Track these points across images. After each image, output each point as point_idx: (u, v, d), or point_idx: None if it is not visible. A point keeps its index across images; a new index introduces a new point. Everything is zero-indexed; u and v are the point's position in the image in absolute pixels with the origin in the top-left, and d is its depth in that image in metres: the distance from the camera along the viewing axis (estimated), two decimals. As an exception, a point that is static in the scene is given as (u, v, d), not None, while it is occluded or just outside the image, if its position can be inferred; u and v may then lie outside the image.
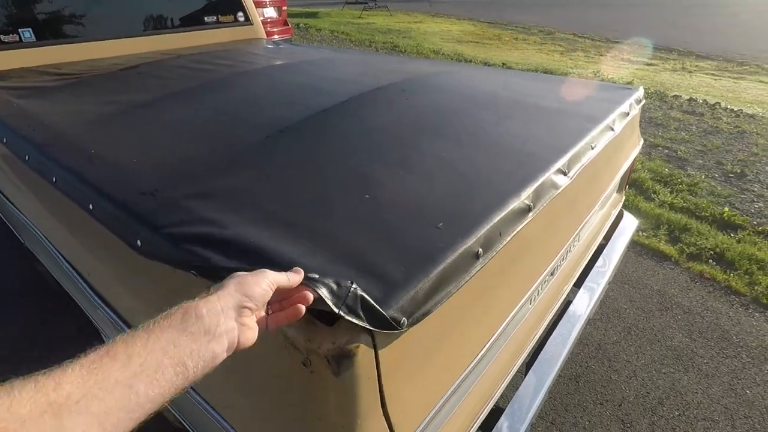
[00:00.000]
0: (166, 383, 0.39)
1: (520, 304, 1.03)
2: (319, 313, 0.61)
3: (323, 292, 0.56)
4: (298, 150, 1.06)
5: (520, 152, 1.11)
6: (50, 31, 1.89)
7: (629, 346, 1.94)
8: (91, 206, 0.92)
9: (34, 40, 1.84)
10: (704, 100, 5.56)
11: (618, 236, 1.76)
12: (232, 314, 0.47)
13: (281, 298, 0.54)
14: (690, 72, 7.39)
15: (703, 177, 3.52)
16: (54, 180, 1.05)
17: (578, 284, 1.53)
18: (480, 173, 1.00)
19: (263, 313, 0.52)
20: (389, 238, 0.76)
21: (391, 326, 0.61)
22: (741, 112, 5.13)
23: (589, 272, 1.56)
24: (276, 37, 5.66)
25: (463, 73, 1.81)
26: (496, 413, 1.08)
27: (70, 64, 1.88)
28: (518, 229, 0.89)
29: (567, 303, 1.44)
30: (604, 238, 1.72)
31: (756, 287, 2.29)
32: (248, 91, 1.44)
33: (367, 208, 0.85)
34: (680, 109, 5.17)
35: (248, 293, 0.49)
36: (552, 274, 1.26)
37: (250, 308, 0.49)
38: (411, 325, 0.63)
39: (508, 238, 0.87)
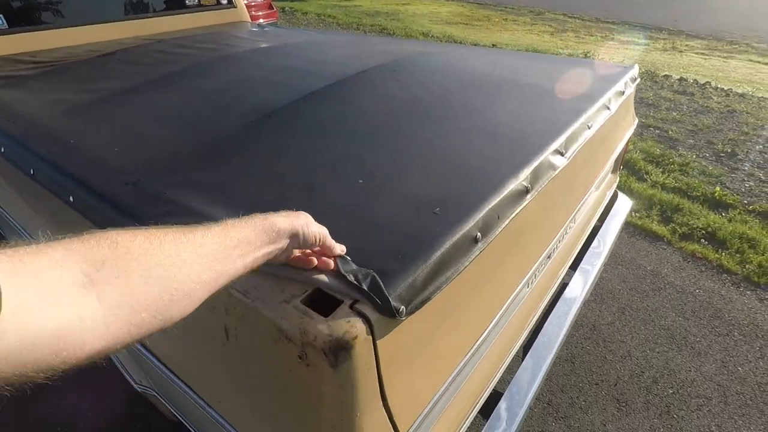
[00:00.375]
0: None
1: (519, 287, 1.01)
2: (313, 302, 0.58)
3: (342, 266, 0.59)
4: (285, 135, 1.02)
5: (516, 133, 1.08)
6: (24, 17, 1.80)
7: (623, 327, 1.95)
8: (71, 198, 0.88)
9: (7, 27, 1.75)
10: (695, 79, 5.56)
11: (613, 217, 1.75)
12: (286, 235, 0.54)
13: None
14: (680, 51, 7.37)
15: (694, 157, 3.53)
16: (32, 172, 1.00)
17: (574, 266, 1.52)
18: (476, 155, 0.97)
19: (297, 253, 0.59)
20: (384, 225, 0.73)
21: (391, 314, 0.58)
22: (731, 92, 5.13)
23: (584, 254, 1.56)
24: (261, 21, 5.52)
25: (454, 54, 1.77)
26: (495, 397, 1.07)
27: (45, 51, 1.80)
28: (517, 212, 0.87)
29: (563, 285, 1.43)
30: (598, 219, 1.71)
31: (747, 266, 2.31)
32: (232, 75, 1.39)
33: (359, 195, 0.82)
34: (671, 89, 5.17)
35: (306, 233, 0.56)
36: (549, 257, 1.25)
37: (297, 241, 0.56)
38: (410, 313, 0.61)
39: (507, 221, 0.84)
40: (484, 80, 1.42)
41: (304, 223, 0.56)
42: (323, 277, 0.61)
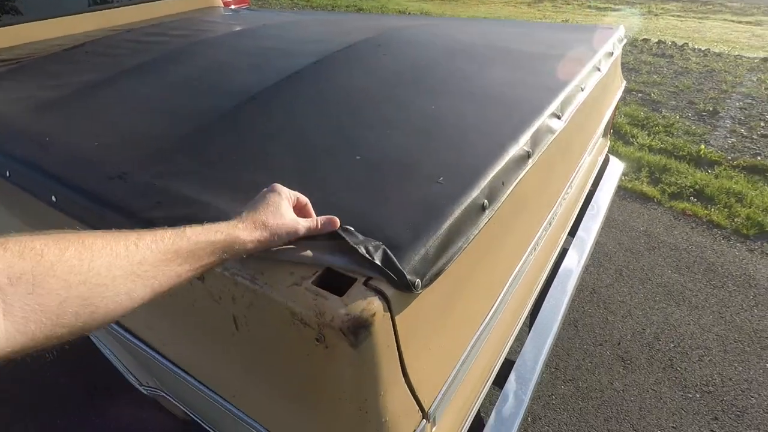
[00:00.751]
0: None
1: (525, 256, 1.00)
2: (325, 283, 0.56)
3: (349, 238, 0.57)
4: (273, 116, 0.98)
5: (511, 99, 1.05)
6: (-20, 15, 1.69)
7: (622, 287, 1.98)
8: (53, 198, 0.83)
9: (-38, 25, 1.64)
10: (673, 41, 5.58)
11: (606, 181, 1.75)
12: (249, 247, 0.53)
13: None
14: (656, 15, 7.38)
15: (677, 117, 3.55)
16: (7, 174, 0.94)
17: (572, 232, 1.52)
18: (473, 123, 0.94)
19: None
20: (389, 198, 0.71)
21: (407, 289, 0.56)
22: (708, 52, 5.17)
23: (581, 219, 1.55)
24: (233, 6, 5.33)
25: (436, 26, 1.72)
26: (506, 367, 1.07)
27: (7, 49, 1.69)
28: (520, 177, 0.85)
29: (563, 251, 1.43)
30: (592, 184, 1.71)
31: (736, 219, 2.35)
32: (210, 60, 1.32)
33: (359, 170, 0.79)
34: (650, 53, 5.18)
35: (279, 232, 0.56)
36: (549, 223, 1.24)
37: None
38: (425, 286, 0.59)
39: (512, 187, 0.82)
40: (471, 49, 1.38)
41: (276, 218, 0.55)
42: (333, 256, 0.58)
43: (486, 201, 0.75)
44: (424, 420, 0.64)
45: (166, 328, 0.75)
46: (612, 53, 1.49)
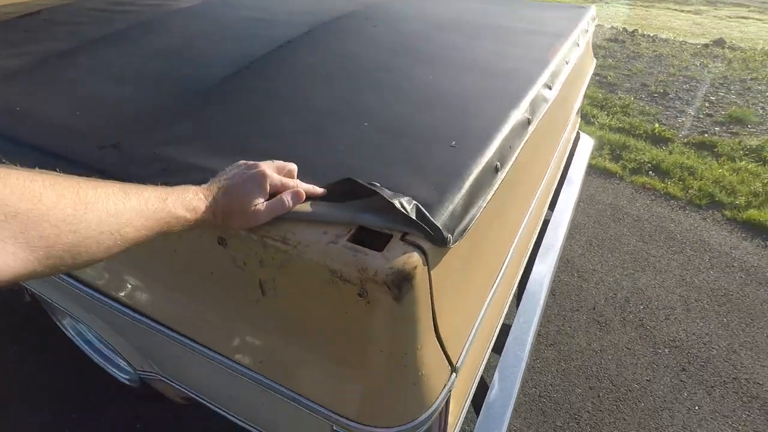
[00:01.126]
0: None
1: (525, 220, 1.04)
2: (360, 241, 0.55)
3: (386, 194, 0.56)
4: (272, 84, 0.95)
5: (505, 69, 1.07)
6: None
7: (593, 257, 2.09)
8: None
9: None
10: (624, 28, 5.85)
11: (579, 156, 1.84)
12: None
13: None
14: (607, 3, 7.70)
15: (632, 99, 3.75)
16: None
17: (552, 206, 1.58)
18: (473, 92, 0.95)
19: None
20: (407, 161, 0.71)
21: (442, 243, 0.57)
22: (656, 37, 5.47)
23: (559, 193, 1.62)
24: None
25: (419, 2, 1.71)
26: (504, 331, 1.11)
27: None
28: (524, 142, 0.88)
29: (546, 223, 1.49)
30: (567, 159, 1.78)
31: (690, 191, 2.54)
32: (192, 29, 1.25)
33: (370, 136, 0.78)
34: (604, 38, 5.41)
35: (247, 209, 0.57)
36: (540, 193, 1.29)
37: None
38: (455, 242, 0.60)
39: (518, 152, 0.85)
40: (458, 24, 1.39)
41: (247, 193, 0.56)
42: (364, 215, 0.58)
43: (498, 163, 0.76)
44: (454, 374, 0.66)
45: (181, 301, 0.72)
46: (587, 30, 1.55)
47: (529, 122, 0.92)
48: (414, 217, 0.55)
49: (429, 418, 0.61)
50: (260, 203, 0.56)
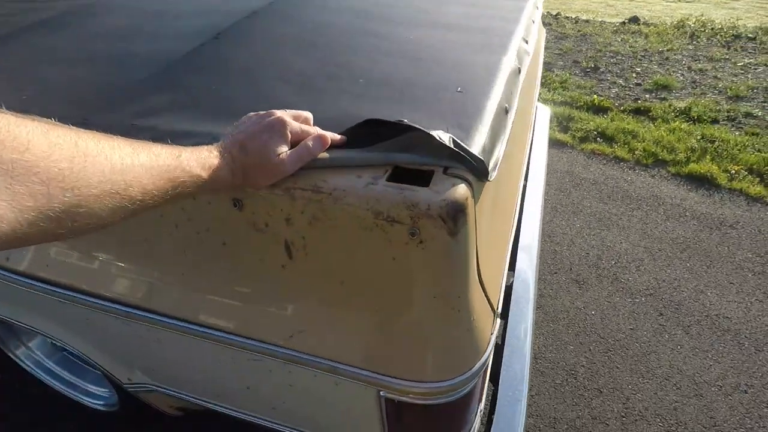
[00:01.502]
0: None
1: (524, 169, 1.04)
2: (399, 179, 0.51)
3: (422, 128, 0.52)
4: (249, 52, 0.87)
5: (480, 27, 1.06)
6: None
7: (561, 221, 2.17)
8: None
9: None
10: (548, 11, 6.19)
11: (541, 124, 1.90)
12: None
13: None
14: (529, -10, 8.09)
15: (568, 75, 3.97)
16: None
17: (525, 177, 1.60)
18: (458, 46, 0.93)
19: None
20: (420, 107, 0.67)
21: (484, 175, 0.54)
22: (579, 19, 5.84)
23: (530, 161, 1.66)
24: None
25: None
26: (509, 291, 1.11)
27: None
28: (519, 90, 0.87)
29: (524, 190, 1.52)
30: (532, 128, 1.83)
31: (635, 153, 2.72)
32: (140, 9, 1.13)
33: (371, 90, 0.73)
34: (533, 22, 5.68)
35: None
36: (525, 155, 1.30)
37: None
38: (491, 176, 0.57)
39: (516, 99, 0.84)
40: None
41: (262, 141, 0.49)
42: (396, 154, 0.53)
43: (507, 105, 0.75)
44: (498, 319, 0.63)
45: (187, 285, 0.63)
46: (538, 7, 1.59)
47: (519, 71, 0.92)
48: (455, 149, 0.52)
49: (482, 367, 0.58)
50: (284, 152, 0.50)
